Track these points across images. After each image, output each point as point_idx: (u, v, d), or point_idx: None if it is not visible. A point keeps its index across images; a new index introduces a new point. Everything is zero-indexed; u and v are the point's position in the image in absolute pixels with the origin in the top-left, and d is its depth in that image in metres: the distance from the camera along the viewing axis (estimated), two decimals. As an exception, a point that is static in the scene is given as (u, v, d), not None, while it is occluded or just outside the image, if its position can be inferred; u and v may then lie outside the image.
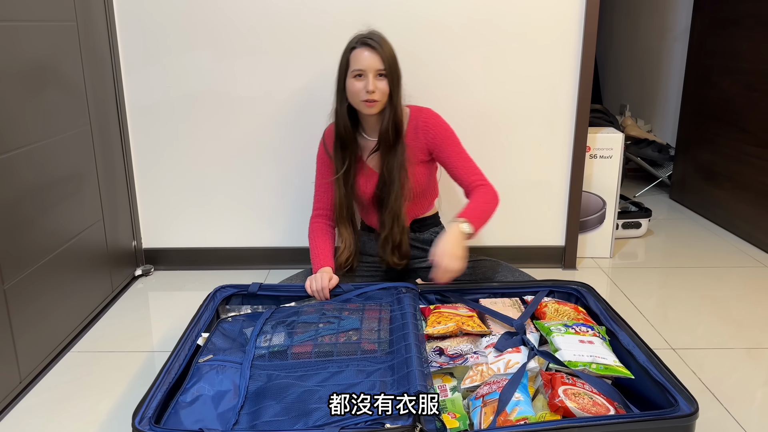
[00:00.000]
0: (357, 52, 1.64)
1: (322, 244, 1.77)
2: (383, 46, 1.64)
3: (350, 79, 1.65)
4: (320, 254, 1.74)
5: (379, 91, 1.63)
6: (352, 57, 1.64)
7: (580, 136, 2.15)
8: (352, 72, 1.64)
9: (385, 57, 1.63)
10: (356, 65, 1.63)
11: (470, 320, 1.49)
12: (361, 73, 1.63)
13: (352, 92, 1.65)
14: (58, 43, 1.72)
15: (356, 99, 1.65)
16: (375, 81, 1.62)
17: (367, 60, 1.62)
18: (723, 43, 2.72)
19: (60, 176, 1.72)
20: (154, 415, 1.14)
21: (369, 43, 1.63)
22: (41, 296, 1.61)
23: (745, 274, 2.23)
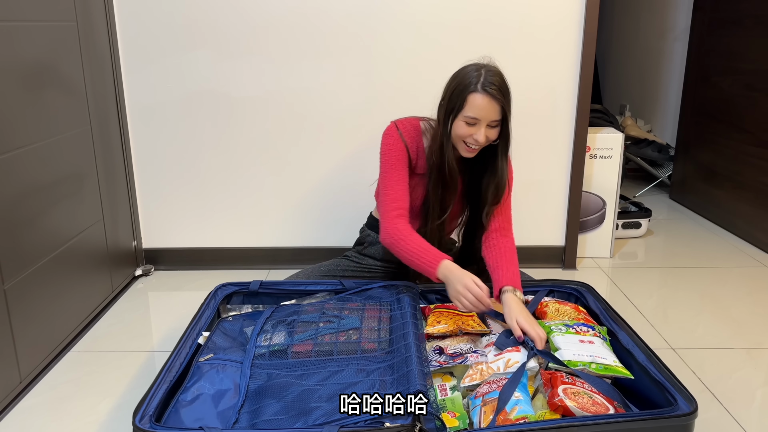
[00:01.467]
0: (475, 97, 1.49)
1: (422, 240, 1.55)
2: (504, 94, 1.51)
3: (459, 122, 1.52)
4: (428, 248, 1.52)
5: (487, 140, 1.54)
6: (469, 101, 1.49)
7: (580, 136, 2.15)
8: (464, 116, 1.51)
9: (504, 105, 1.51)
10: (471, 112, 1.49)
11: (470, 320, 1.49)
12: (475, 122, 1.51)
13: (458, 134, 1.53)
14: (58, 43, 1.72)
15: (458, 141, 1.55)
16: (487, 130, 1.51)
17: (485, 110, 1.49)
18: (723, 43, 2.72)
19: (60, 176, 1.72)
20: (155, 413, 1.14)
21: (491, 92, 1.48)
22: (41, 296, 1.61)
23: (745, 274, 2.23)
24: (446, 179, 1.62)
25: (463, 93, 1.51)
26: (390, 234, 1.57)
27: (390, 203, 1.59)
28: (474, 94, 1.49)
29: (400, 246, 1.55)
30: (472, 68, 1.54)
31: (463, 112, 1.51)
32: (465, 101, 1.50)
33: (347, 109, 2.13)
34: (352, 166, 2.18)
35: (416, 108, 1.78)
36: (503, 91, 1.51)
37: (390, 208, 1.59)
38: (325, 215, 2.24)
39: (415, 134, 1.66)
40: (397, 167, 1.62)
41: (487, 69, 1.53)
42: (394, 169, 1.62)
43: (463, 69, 1.56)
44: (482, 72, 1.51)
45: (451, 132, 1.56)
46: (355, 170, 2.17)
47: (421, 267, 1.52)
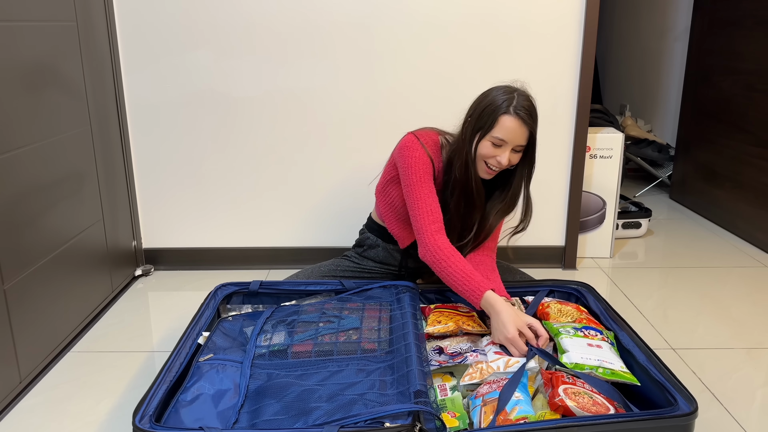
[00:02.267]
0: (507, 119, 1.48)
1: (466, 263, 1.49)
2: (534, 119, 1.51)
3: (486, 141, 1.52)
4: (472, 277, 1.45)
5: (510, 164, 1.54)
6: (499, 122, 1.49)
7: (580, 136, 2.15)
8: (492, 137, 1.50)
9: (532, 132, 1.51)
10: (500, 133, 1.49)
11: (470, 320, 1.49)
12: (501, 144, 1.51)
13: (482, 154, 1.53)
14: (58, 43, 1.72)
15: (480, 160, 1.55)
16: (511, 154, 1.52)
17: (513, 133, 1.49)
18: (723, 43, 2.72)
19: (60, 176, 1.72)
20: (155, 413, 1.14)
21: (523, 117, 1.48)
22: (41, 296, 1.61)
23: (745, 274, 2.23)
24: (473, 197, 1.60)
25: (495, 113, 1.50)
26: (432, 252, 1.51)
27: (427, 216, 1.54)
28: (505, 116, 1.49)
29: (442, 266, 1.49)
30: (504, 90, 1.53)
31: (492, 132, 1.50)
32: (495, 122, 1.49)
33: (347, 108, 2.13)
34: (353, 166, 2.18)
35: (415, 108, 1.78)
36: (533, 117, 1.51)
37: (428, 221, 1.54)
38: (325, 215, 2.24)
39: (436, 149, 1.64)
40: (426, 179, 1.58)
41: (520, 93, 1.52)
42: (423, 182, 1.57)
43: (494, 89, 1.55)
44: (515, 95, 1.51)
45: (474, 150, 1.54)
46: (355, 170, 2.17)
47: (463, 293, 1.46)
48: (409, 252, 1.80)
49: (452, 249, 1.51)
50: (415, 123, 2.11)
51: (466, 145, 1.55)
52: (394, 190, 1.71)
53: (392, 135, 2.13)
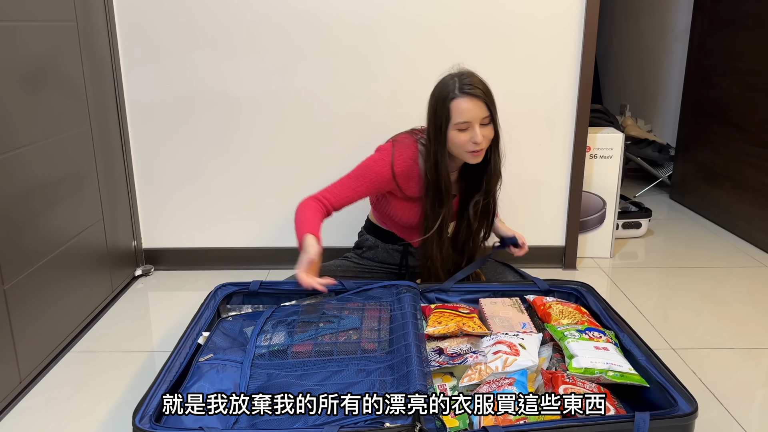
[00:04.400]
0: (458, 102, 1.53)
1: (314, 217, 1.59)
2: (483, 90, 1.54)
3: (453, 131, 1.55)
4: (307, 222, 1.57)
5: (486, 139, 1.56)
6: (454, 108, 1.53)
7: (580, 136, 2.15)
8: (455, 125, 1.54)
9: (487, 102, 1.54)
10: (460, 117, 1.53)
11: (471, 321, 1.49)
12: (467, 127, 1.54)
13: (457, 144, 1.56)
14: (58, 43, 1.72)
15: (461, 150, 1.57)
16: (481, 130, 1.54)
17: (471, 111, 1.53)
18: (723, 43, 2.72)
19: (60, 176, 1.72)
20: (155, 413, 1.14)
21: (470, 92, 1.52)
22: (41, 296, 1.61)
23: (745, 274, 2.23)
24: (442, 196, 1.63)
25: (446, 103, 1.54)
26: (300, 204, 1.64)
27: (326, 193, 1.64)
28: (456, 101, 1.53)
29: (299, 212, 1.61)
30: (446, 79, 1.58)
31: (452, 120, 1.54)
32: (450, 110, 1.54)
33: (347, 108, 2.13)
34: (352, 166, 2.17)
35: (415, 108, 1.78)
36: (481, 88, 1.54)
37: (322, 195, 1.64)
38: (325, 215, 2.24)
39: (412, 163, 1.66)
40: (363, 183, 1.65)
41: (461, 74, 1.56)
42: (359, 181, 1.65)
43: (438, 83, 1.60)
44: (456, 79, 1.55)
45: (446, 146, 1.58)
46: (355, 170, 2.17)
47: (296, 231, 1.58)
48: (409, 250, 1.81)
49: (311, 205, 1.61)
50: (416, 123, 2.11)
51: (432, 145, 1.59)
52: (387, 204, 1.75)
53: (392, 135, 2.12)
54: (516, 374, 1.26)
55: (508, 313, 1.57)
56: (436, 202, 1.65)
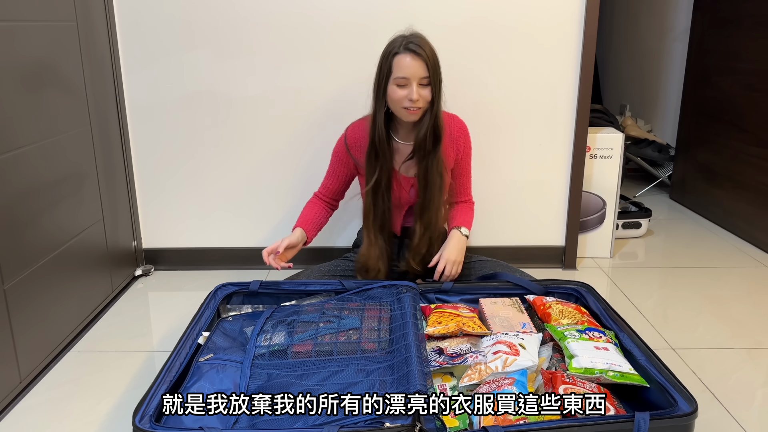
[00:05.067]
0: (400, 58, 1.59)
1: (309, 212, 1.84)
2: (427, 52, 1.59)
3: (392, 86, 1.61)
4: (302, 217, 1.83)
5: (422, 99, 1.60)
6: (395, 63, 1.59)
7: (580, 136, 2.15)
8: (394, 79, 1.60)
9: (429, 63, 1.59)
10: (399, 72, 1.58)
11: (471, 321, 1.49)
12: (406, 83, 1.59)
13: (394, 99, 1.62)
14: (58, 43, 1.72)
15: (398, 106, 1.63)
16: (419, 89, 1.59)
17: (411, 68, 1.58)
18: (723, 43, 2.72)
19: (60, 176, 1.72)
20: (155, 413, 1.14)
21: (413, 50, 1.57)
22: (41, 296, 1.61)
23: (745, 274, 2.23)
24: (376, 144, 1.69)
25: (389, 58, 1.61)
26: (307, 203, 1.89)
27: (321, 187, 1.89)
28: (398, 56, 1.59)
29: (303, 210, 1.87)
30: (396, 37, 1.64)
31: (393, 74, 1.60)
32: (392, 65, 1.60)
33: (347, 108, 2.12)
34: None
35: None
36: (425, 49, 1.59)
37: (319, 190, 1.90)
38: (325, 215, 2.24)
39: (362, 133, 1.77)
40: (334, 164, 1.85)
41: (410, 34, 1.63)
42: (332, 167, 1.86)
43: (388, 42, 1.66)
44: (404, 38, 1.62)
45: (386, 101, 1.65)
46: (355, 170, 2.17)
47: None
48: (404, 241, 1.83)
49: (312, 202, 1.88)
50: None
51: (373, 101, 1.67)
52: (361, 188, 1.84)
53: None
54: (516, 374, 1.26)
55: (508, 313, 1.57)
56: (372, 152, 1.70)
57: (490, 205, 2.23)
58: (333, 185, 1.87)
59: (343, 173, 1.85)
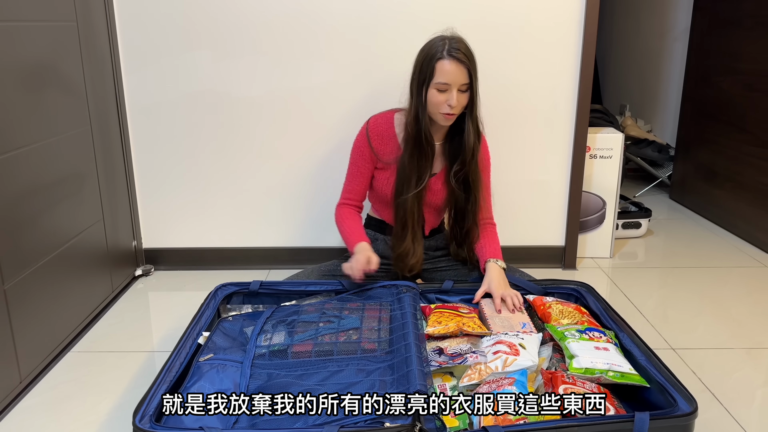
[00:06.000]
0: (443, 63, 1.58)
1: (353, 224, 1.77)
2: (469, 58, 1.59)
3: (432, 90, 1.60)
4: (353, 232, 1.74)
5: (460, 105, 1.61)
6: (438, 68, 1.58)
7: (580, 136, 2.15)
8: (435, 84, 1.59)
9: (470, 69, 1.59)
10: (442, 78, 1.58)
11: (470, 321, 1.49)
12: (446, 88, 1.59)
13: (433, 103, 1.61)
14: (58, 43, 1.72)
15: (435, 110, 1.62)
16: (458, 95, 1.59)
17: (453, 74, 1.57)
18: (723, 43, 2.72)
19: (60, 176, 1.72)
20: (155, 413, 1.14)
21: (457, 57, 1.57)
22: (41, 296, 1.61)
23: (745, 274, 2.23)
24: (422, 146, 1.68)
25: (432, 62, 1.59)
26: (335, 216, 1.83)
27: (343, 193, 1.83)
28: (441, 61, 1.58)
29: (338, 225, 1.80)
30: (437, 39, 1.62)
31: (434, 79, 1.59)
32: (434, 69, 1.59)
33: (347, 108, 2.13)
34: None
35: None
36: (468, 56, 1.60)
37: (342, 197, 1.83)
38: (325, 215, 2.24)
39: (385, 126, 1.75)
40: (358, 162, 1.79)
41: (451, 38, 1.61)
42: (354, 164, 1.79)
43: (428, 42, 1.64)
44: (446, 41, 1.60)
45: (426, 102, 1.63)
46: (355, 170, 2.17)
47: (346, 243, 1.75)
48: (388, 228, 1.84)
49: (350, 214, 1.80)
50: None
51: (414, 99, 1.65)
52: (374, 182, 1.82)
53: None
54: (516, 374, 1.26)
55: (508, 313, 1.57)
56: (415, 153, 1.68)
57: (490, 205, 2.23)
58: (359, 187, 1.80)
59: (368, 169, 1.79)
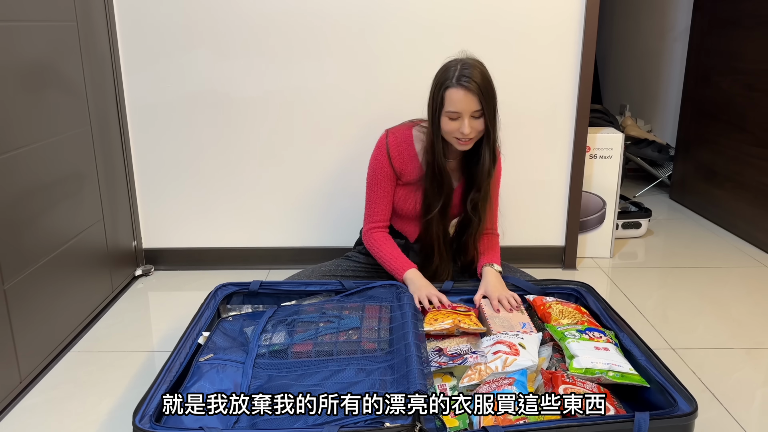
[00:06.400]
0: (452, 92, 1.54)
1: (393, 249, 1.74)
2: (479, 84, 1.54)
3: (444, 118, 1.58)
4: (398, 257, 1.71)
5: (474, 130, 1.57)
6: (447, 97, 1.55)
7: (580, 136, 2.15)
8: (446, 112, 1.57)
9: (481, 96, 1.54)
10: (451, 107, 1.55)
11: (467, 318, 1.49)
12: (457, 117, 1.56)
13: (446, 131, 1.59)
14: (58, 43, 1.72)
15: (450, 137, 1.61)
16: (470, 121, 1.56)
17: (462, 103, 1.54)
18: (723, 43, 2.72)
19: (60, 176, 1.72)
20: (155, 413, 1.14)
21: (465, 84, 1.53)
22: (41, 296, 1.61)
23: (745, 274, 2.23)
24: (440, 178, 1.67)
25: (441, 90, 1.57)
26: (368, 242, 1.78)
27: (370, 217, 1.77)
28: (450, 90, 1.55)
29: (375, 251, 1.76)
30: (451, 64, 1.60)
31: (445, 108, 1.57)
32: (444, 98, 1.57)
33: (347, 109, 2.13)
34: (352, 166, 2.17)
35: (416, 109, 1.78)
36: (478, 82, 1.54)
37: (369, 221, 1.77)
38: (325, 215, 2.24)
39: (405, 145, 1.72)
40: (379, 182, 1.74)
41: (463, 63, 1.57)
42: (375, 184, 1.75)
43: (443, 66, 1.62)
44: (457, 67, 1.57)
45: (440, 129, 1.61)
46: (355, 170, 2.17)
47: (391, 271, 1.72)
48: (410, 245, 1.81)
49: (385, 239, 1.76)
50: (415, 123, 2.11)
51: (431, 126, 1.63)
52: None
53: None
54: (516, 374, 1.26)
55: (507, 313, 1.57)
56: (435, 182, 1.68)
57: (490, 205, 2.23)
58: (386, 208, 1.76)
59: (391, 188, 1.75)
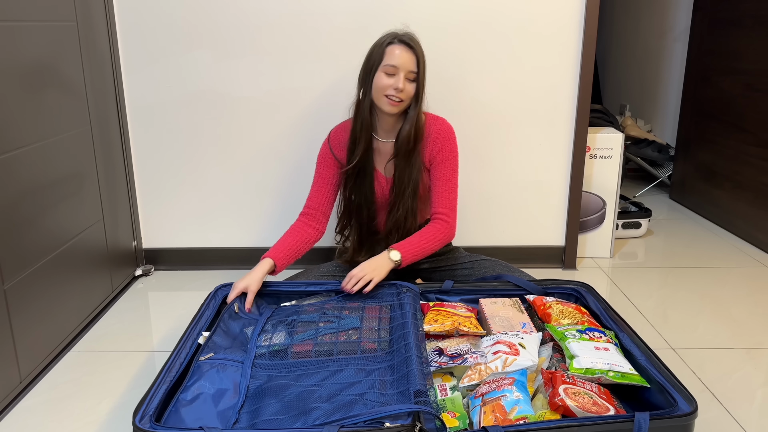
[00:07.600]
0: (393, 47, 1.63)
1: (286, 237, 1.76)
2: (419, 49, 1.65)
3: (380, 73, 1.64)
4: (276, 246, 1.73)
5: (406, 92, 1.64)
6: (388, 52, 1.63)
7: (580, 136, 2.15)
8: (384, 66, 1.63)
9: (419, 59, 1.64)
10: (390, 60, 1.62)
11: (467, 321, 1.49)
12: (394, 72, 1.63)
13: (379, 86, 1.65)
14: (58, 43, 1.72)
15: (380, 94, 1.65)
16: (405, 81, 1.63)
17: (402, 58, 1.62)
18: (723, 43, 2.72)
19: (60, 176, 1.72)
20: (155, 413, 1.14)
21: (407, 42, 1.64)
22: (41, 296, 1.61)
23: (745, 274, 2.23)
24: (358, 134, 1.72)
25: (381, 47, 1.65)
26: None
27: (306, 202, 1.84)
28: (392, 45, 1.64)
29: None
30: (389, 32, 1.69)
31: (384, 62, 1.63)
32: (383, 53, 1.64)
33: (347, 109, 2.12)
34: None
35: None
36: (418, 46, 1.65)
37: (303, 207, 1.83)
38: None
39: (344, 132, 1.80)
40: (321, 173, 1.82)
41: (404, 31, 1.68)
42: (317, 175, 1.83)
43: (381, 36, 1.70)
44: (396, 32, 1.68)
45: (371, 89, 1.67)
46: (355, 170, 2.17)
47: None
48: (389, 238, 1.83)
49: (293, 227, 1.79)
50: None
51: (359, 87, 1.71)
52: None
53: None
54: (516, 374, 1.27)
55: (508, 313, 1.57)
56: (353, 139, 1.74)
57: (490, 205, 2.23)
58: (320, 196, 1.81)
59: (330, 176, 1.80)
